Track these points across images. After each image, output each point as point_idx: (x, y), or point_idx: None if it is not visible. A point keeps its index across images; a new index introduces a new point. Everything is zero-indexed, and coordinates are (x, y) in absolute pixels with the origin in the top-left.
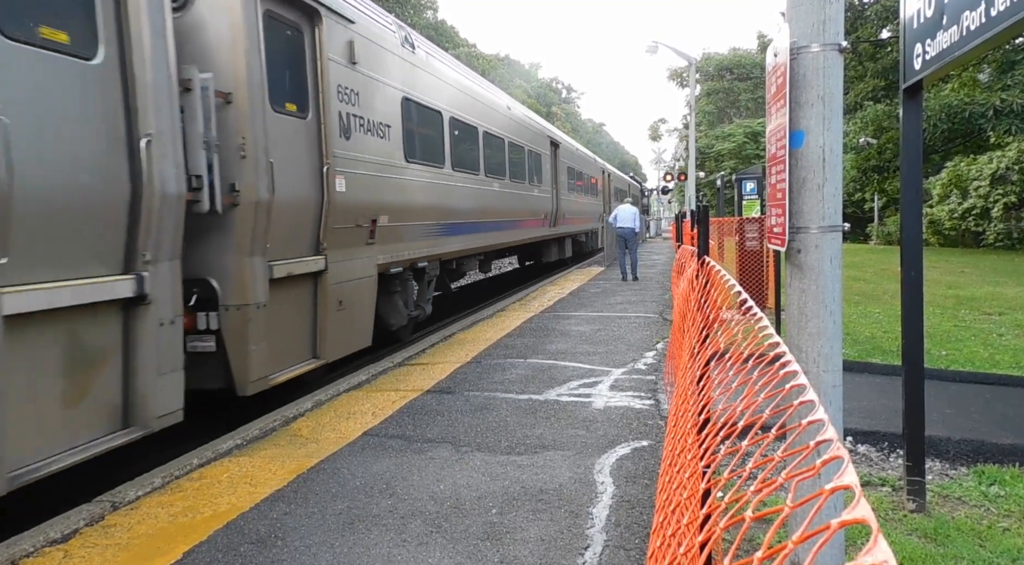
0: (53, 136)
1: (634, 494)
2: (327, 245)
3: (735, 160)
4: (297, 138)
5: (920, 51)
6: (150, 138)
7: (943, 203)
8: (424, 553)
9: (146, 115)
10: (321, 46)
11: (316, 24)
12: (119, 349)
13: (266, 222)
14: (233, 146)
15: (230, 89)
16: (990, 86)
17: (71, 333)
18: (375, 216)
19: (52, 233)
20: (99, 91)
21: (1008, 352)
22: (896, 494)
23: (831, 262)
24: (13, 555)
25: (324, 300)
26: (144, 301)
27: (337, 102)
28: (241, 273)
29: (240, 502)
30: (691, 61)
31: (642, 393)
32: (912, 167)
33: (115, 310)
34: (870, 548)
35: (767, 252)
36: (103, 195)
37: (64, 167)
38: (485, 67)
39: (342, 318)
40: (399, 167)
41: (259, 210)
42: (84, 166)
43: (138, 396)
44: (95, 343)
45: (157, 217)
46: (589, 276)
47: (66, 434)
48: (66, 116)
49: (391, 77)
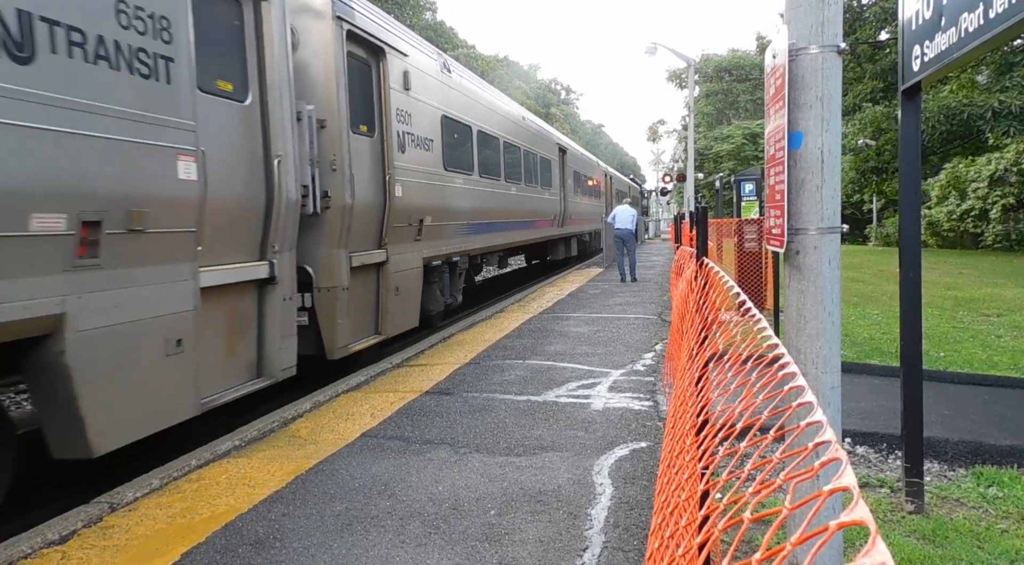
0: (224, 159)
1: (633, 495)
2: (388, 240)
3: (734, 161)
4: (367, 153)
5: (919, 53)
6: (280, 158)
7: (942, 204)
8: (423, 554)
9: (277, 140)
10: (384, 77)
11: (381, 59)
12: (255, 318)
13: (348, 221)
14: (326, 161)
15: (325, 117)
16: (988, 88)
17: (231, 303)
18: (422, 217)
19: (224, 229)
20: (248, 124)
21: (1006, 353)
22: (895, 495)
23: (829, 263)
24: (11, 556)
25: (385, 286)
26: (273, 281)
27: (396, 122)
28: (331, 262)
29: (238, 503)
30: (690, 62)
31: (641, 394)
32: (910, 168)
33: (254, 288)
34: (868, 549)
35: (766, 253)
36: (252, 201)
37: (230, 181)
38: (484, 68)
39: (398, 301)
40: (440, 175)
41: (344, 212)
42: (241, 180)
43: (267, 354)
44: (243, 312)
45: (283, 218)
46: (588, 277)
47: (226, 378)
48: (230, 144)
49: (434, 98)
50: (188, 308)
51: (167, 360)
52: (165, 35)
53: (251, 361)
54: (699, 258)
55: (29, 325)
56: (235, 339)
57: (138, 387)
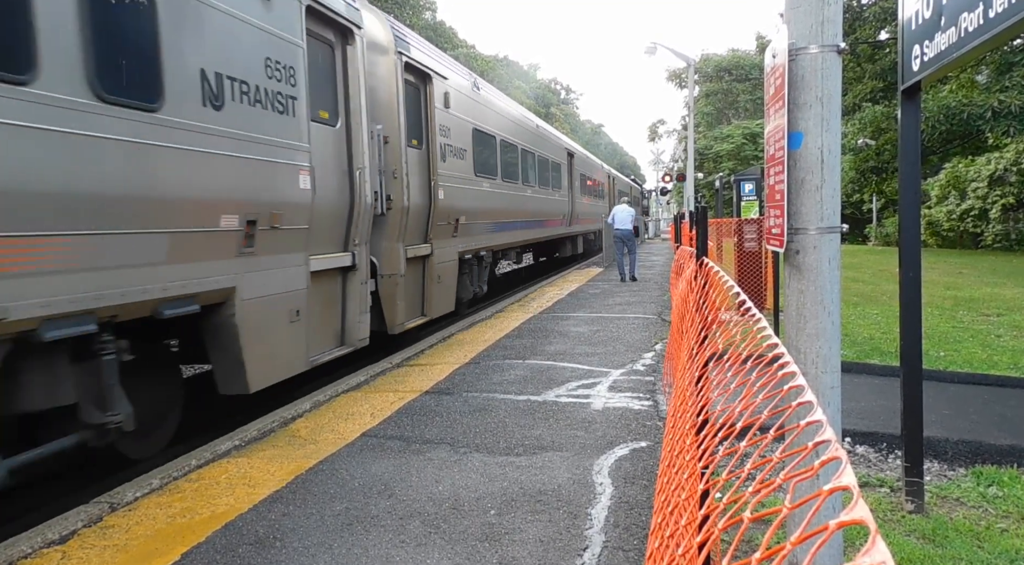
0: (324, 172)
1: (633, 495)
2: (432, 236)
3: (733, 161)
4: (418, 163)
5: (918, 52)
6: (360, 170)
7: (941, 204)
8: (423, 554)
9: (358, 155)
10: (430, 98)
11: (428, 83)
12: (340, 297)
13: (405, 220)
14: (389, 171)
15: (388, 134)
16: (988, 87)
17: (326, 285)
18: (458, 216)
19: (323, 227)
20: (338, 143)
21: (1006, 353)
22: (894, 495)
23: (829, 263)
24: (11, 556)
25: (430, 275)
26: (354, 268)
27: (439, 136)
28: (392, 254)
29: (238, 503)
30: (690, 62)
31: (641, 394)
32: (910, 168)
33: (339, 274)
34: (868, 549)
35: (765, 253)
36: (341, 204)
37: (328, 189)
38: (484, 68)
39: (439, 288)
40: (471, 180)
41: (403, 213)
42: (334, 188)
43: (348, 326)
44: (333, 292)
45: (362, 218)
46: (588, 277)
47: (322, 344)
48: (328, 160)
49: (467, 114)
50: (303, 287)
51: (291, 325)
52: (292, 80)
53: (337, 331)
54: (699, 258)
55: (218, 294)
56: (328, 313)
57: (274, 344)
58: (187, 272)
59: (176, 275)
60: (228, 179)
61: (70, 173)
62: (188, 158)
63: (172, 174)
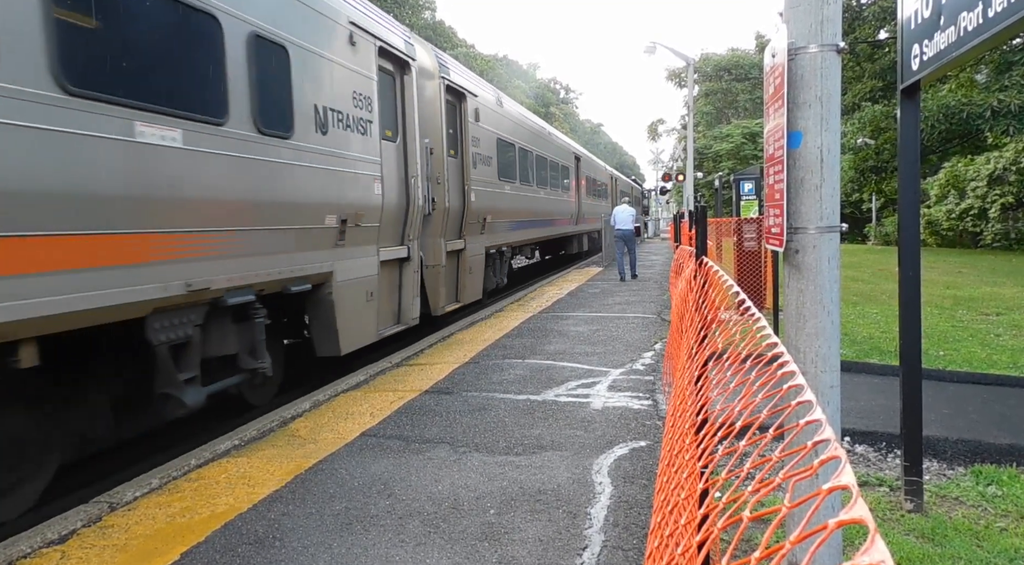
0: (389, 180)
1: (632, 494)
2: (465, 233)
3: (733, 160)
4: (455, 170)
5: (918, 52)
6: (414, 177)
7: (941, 204)
8: (422, 553)
9: (412, 165)
10: (465, 113)
11: (463, 101)
12: (397, 283)
13: (446, 219)
14: (434, 177)
15: (433, 146)
16: (987, 87)
17: (388, 273)
18: (485, 216)
19: (388, 225)
20: (398, 156)
21: (1006, 352)
22: (894, 494)
23: (829, 262)
24: (10, 556)
25: (463, 266)
26: (408, 259)
27: (471, 146)
28: (436, 247)
29: (238, 503)
30: (689, 61)
31: (640, 393)
32: (910, 168)
33: (397, 264)
34: (867, 548)
35: (765, 252)
36: (400, 206)
37: (391, 194)
38: (483, 67)
39: (470, 278)
40: (496, 184)
41: (444, 213)
42: (395, 193)
43: (403, 308)
44: (393, 279)
45: (415, 217)
46: (587, 276)
47: (385, 321)
48: (391, 170)
49: (492, 125)
50: (375, 273)
51: (367, 304)
52: (369, 107)
53: (395, 312)
54: (698, 257)
55: (321, 276)
56: (389, 296)
57: (357, 318)
58: (304, 259)
59: (298, 261)
60: (331, 187)
61: (244, 185)
62: (307, 172)
63: (298, 184)
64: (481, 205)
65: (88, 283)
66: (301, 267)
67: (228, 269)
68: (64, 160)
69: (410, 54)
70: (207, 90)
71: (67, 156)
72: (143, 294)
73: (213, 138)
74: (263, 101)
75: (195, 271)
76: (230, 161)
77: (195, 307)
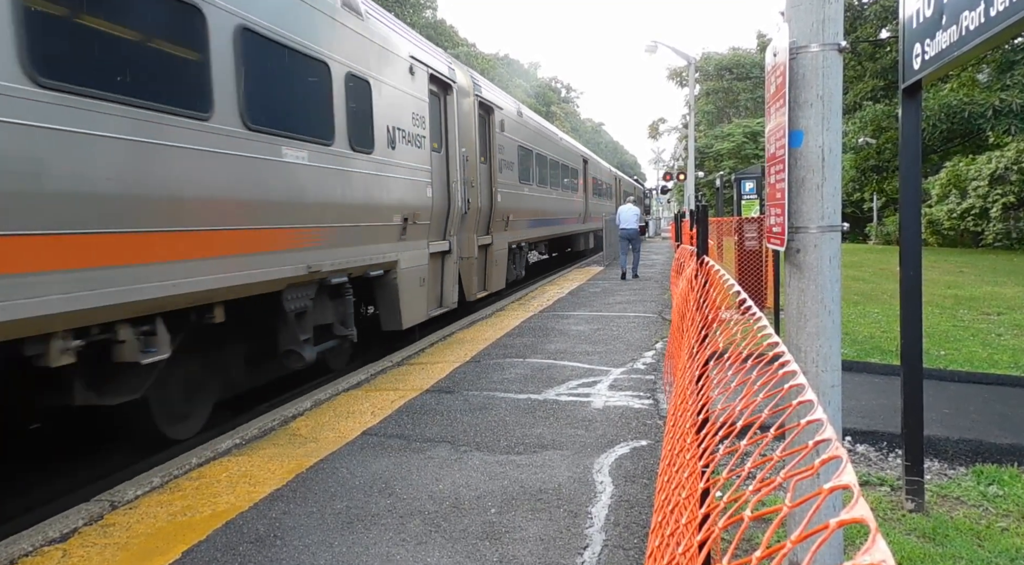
0: (436, 185)
1: (633, 494)
2: (492, 230)
3: (734, 160)
4: (485, 175)
5: (919, 51)
6: (455, 182)
7: (942, 203)
8: (423, 552)
9: (454, 171)
10: (492, 125)
11: (491, 114)
12: (440, 272)
13: (478, 217)
14: (469, 181)
15: (468, 154)
16: (989, 86)
17: (434, 263)
18: (509, 215)
19: (434, 223)
20: (443, 164)
21: (1007, 352)
22: (895, 494)
23: (830, 262)
24: (12, 554)
25: (490, 259)
26: (450, 252)
27: (497, 154)
28: (470, 242)
29: (239, 501)
30: (690, 61)
31: (641, 393)
32: (911, 167)
33: (440, 255)
34: (868, 548)
35: (766, 252)
36: (443, 207)
37: (437, 197)
38: (484, 67)
39: (496, 270)
40: (517, 186)
41: (477, 212)
42: (440, 195)
43: (445, 293)
44: (437, 268)
45: (455, 216)
46: (588, 275)
47: (431, 303)
48: (437, 176)
49: (514, 134)
50: (426, 263)
51: (420, 288)
52: (423, 125)
53: (438, 296)
54: (699, 256)
55: (389, 264)
56: (434, 283)
57: (413, 299)
58: (379, 249)
59: (374, 251)
60: (397, 192)
61: (343, 191)
62: (383, 180)
63: (377, 190)
64: (506, 205)
65: (256, 263)
66: (375, 256)
67: (332, 256)
68: (262, 179)
69: (452, 78)
70: (322, 119)
71: (258, 176)
72: (283, 273)
73: (324, 155)
74: (354, 125)
75: (312, 257)
76: (334, 172)
77: (311, 285)
